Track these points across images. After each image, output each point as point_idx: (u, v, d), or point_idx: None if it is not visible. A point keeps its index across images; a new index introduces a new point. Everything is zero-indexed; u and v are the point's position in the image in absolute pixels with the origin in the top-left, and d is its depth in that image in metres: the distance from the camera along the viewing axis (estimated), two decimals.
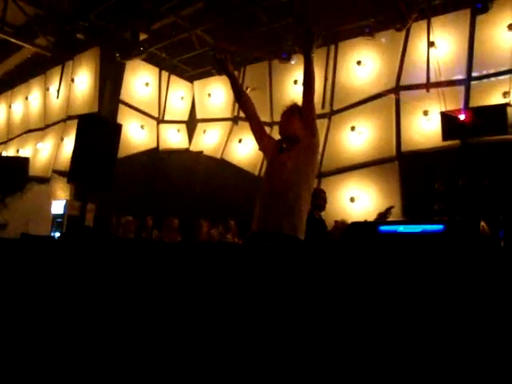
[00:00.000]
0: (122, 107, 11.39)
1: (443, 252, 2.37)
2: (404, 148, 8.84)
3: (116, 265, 4.48)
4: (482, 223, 2.49)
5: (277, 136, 3.75)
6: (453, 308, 2.11)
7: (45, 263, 4.61)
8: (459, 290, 2.11)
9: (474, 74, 8.47)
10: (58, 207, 9.80)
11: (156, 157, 11.90)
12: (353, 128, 9.35)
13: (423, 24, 8.73)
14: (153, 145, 12.06)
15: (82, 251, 4.40)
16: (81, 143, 6.41)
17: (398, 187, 8.63)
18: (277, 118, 3.89)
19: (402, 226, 2.57)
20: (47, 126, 12.85)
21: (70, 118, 11.75)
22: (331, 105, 9.77)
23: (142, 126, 11.81)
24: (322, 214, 6.14)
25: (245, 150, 10.81)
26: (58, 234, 8.99)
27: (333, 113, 9.75)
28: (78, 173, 6.31)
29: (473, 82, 8.46)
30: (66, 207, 9.74)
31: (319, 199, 5.97)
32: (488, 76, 8.27)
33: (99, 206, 9.24)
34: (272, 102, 10.58)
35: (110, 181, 6.55)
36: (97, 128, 6.60)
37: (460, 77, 8.54)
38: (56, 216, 9.63)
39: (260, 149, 3.84)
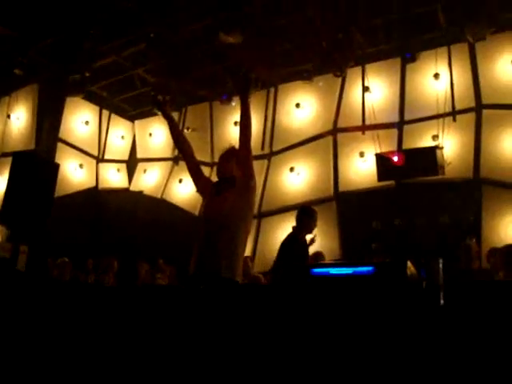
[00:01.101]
0: (60, 145, 11.12)
1: (372, 293, 2.46)
2: (341, 188, 9.10)
3: (48, 309, 4.33)
4: (409, 264, 2.60)
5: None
6: (375, 347, 2.18)
7: None
8: (382, 331, 2.19)
9: (406, 118, 8.90)
10: None
11: (95, 196, 11.67)
12: (292, 169, 9.54)
13: (358, 70, 9.16)
14: (92, 184, 11.82)
15: (11, 297, 4.23)
16: (14, 182, 6.25)
17: (336, 226, 8.82)
18: (217, 158, 3.93)
19: (333, 268, 2.65)
20: None
21: (4, 155, 11.36)
22: (271, 146, 9.95)
23: (80, 165, 11.58)
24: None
25: (185, 190, 10.79)
26: None
27: (272, 154, 9.92)
28: (10, 214, 6.12)
29: (405, 126, 8.88)
30: None
31: (308, 219, 5.42)
32: (418, 120, 8.71)
33: (34, 247, 8.90)
34: (213, 142, 10.68)
35: (45, 221, 6.38)
36: (32, 166, 6.45)
37: (393, 120, 8.96)
38: None
39: (197, 190, 3.88)
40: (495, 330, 2.28)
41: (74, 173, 11.41)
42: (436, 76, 8.45)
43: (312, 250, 6.64)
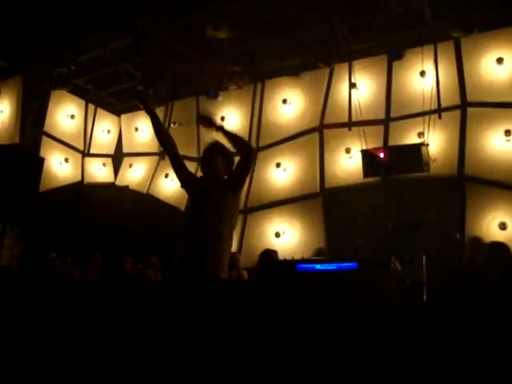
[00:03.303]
0: (45, 139, 11.03)
1: (355, 288, 2.48)
2: (327, 184, 9.12)
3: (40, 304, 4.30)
4: (393, 260, 2.62)
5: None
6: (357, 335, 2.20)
7: None
8: (363, 325, 2.21)
9: (392, 115, 8.93)
10: None
11: (80, 191, 11.58)
12: (278, 164, 9.56)
13: (345, 66, 9.18)
14: (77, 178, 11.72)
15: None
16: None
17: (322, 222, 8.84)
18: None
19: (318, 264, 2.66)
20: None
21: None
22: (257, 142, 9.95)
23: (66, 159, 11.48)
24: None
25: (171, 185, 10.76)
26: None
27: (259, 149, 9.91)
28: None
29: (391, 123, 8.91)
30: None
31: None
32: (404, 117, 8.75)
33: (18, 242, 8.82)
34: (199, 137, 10.64)
35: (29, 216, 6.32)
36: (16, 160, 6.38)
37: (379, 117, 8.99)
38: None
39: (182, 186, 3.85)
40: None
41: (59, 167, 11.30)
42: (422, 74, 8.48)
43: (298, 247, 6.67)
